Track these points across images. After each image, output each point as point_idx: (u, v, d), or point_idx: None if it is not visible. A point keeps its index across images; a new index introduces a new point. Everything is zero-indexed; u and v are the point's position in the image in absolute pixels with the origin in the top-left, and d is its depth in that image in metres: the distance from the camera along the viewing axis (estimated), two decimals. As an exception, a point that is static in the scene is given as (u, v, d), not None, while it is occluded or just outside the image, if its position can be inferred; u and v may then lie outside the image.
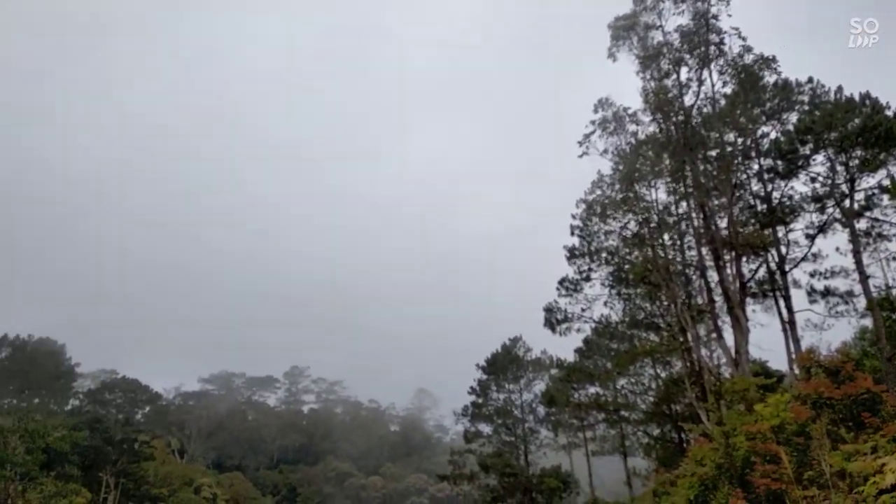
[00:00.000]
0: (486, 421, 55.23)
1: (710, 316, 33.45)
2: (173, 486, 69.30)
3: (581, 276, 39.97)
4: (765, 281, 34.27)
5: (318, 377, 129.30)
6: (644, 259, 35.96)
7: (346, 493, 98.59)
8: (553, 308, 41.17)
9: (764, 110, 34.00)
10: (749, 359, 30.57)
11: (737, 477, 15.13)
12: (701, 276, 34.53)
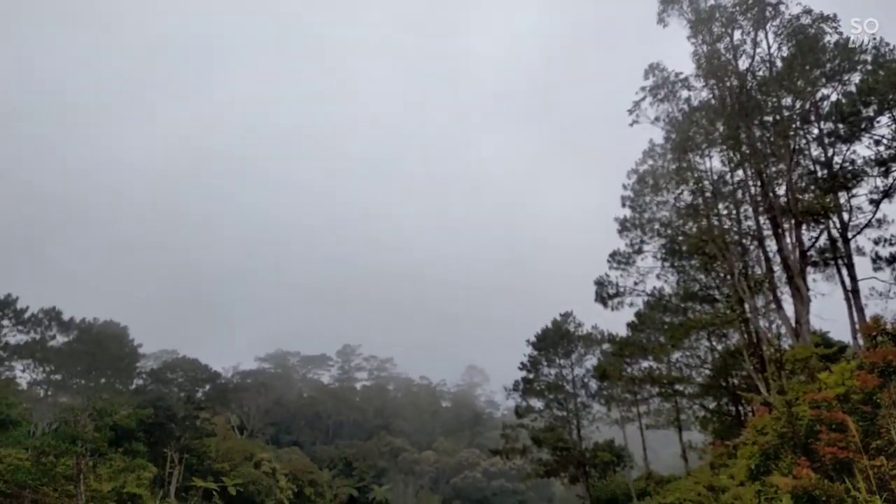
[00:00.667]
0: (538, 396, 55.19)
1: (768, 286, 32.56)
2: (234, 460, 71.75)
3: (633, 249, 39.32)
4: (826, 249, 33.11)
5: (369, 355, 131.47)
6: (699, 230, 35.13)
7: (399, 466, 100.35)
8: (604, 282, 40.69)
9: (824, 72, 32.59)
10: (810, 329, 29.72)
11: (800, 446, 14.77)
12: (759, 246, 33.60)
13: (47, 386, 51.51)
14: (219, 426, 77.52)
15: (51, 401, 51.28)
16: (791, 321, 29.95)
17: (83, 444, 48.24)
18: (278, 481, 74.20)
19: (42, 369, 51.04)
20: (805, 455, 14.64)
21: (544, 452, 53.39)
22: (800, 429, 15.12)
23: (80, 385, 51.35)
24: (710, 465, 28.84)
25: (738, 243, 34.85)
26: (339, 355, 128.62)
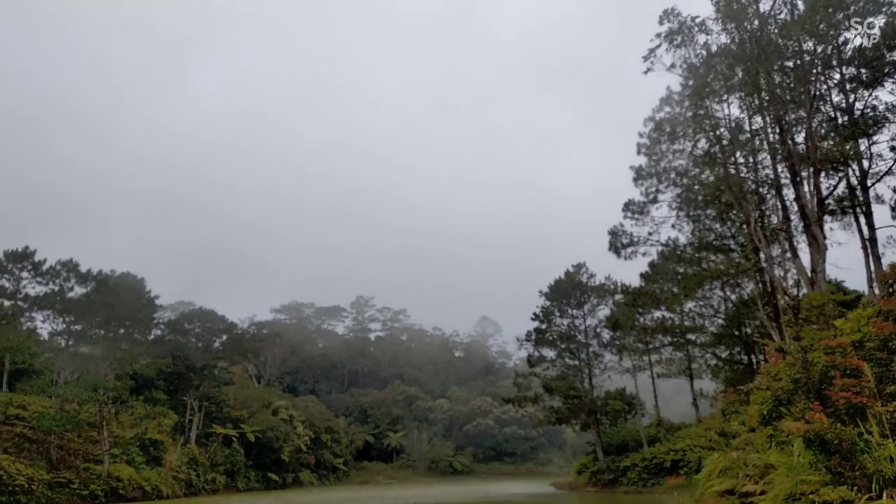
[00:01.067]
0: (550, 346, 55.77)
1: (784, 235, 32.28)
2: (252, 408, 73.39)
3: (648, 198, 39.03)
4: (844, 197, 32.66)
5: (382, 306, 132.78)
6: (715, 178, 34.70)
7: (414, 414, 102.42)
8: (618, 231, 40.55)
9: (847, 14, 31.55)
10: (825, 278, 29.54)
11: (814, 391, 14.82)
12: (776, 195, 33.18)
13: (68, 336, 52.53)
14: (236, 375, 79.12)
15: (71, 350, 52.34)
16: (807, 270, 29.77)
17: (105, 393, 49.36)
18: (296, 428, 76.00)
19: (62, 320, 51.98)
20: (818, 400, 14.68)
21: (556, 400, 54.23)
22: (814, 374, 15.14)
23: (100, 335, 52.23)
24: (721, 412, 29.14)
25: (754, 192, 34.42)
26: (353, 307, 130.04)
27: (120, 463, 49.60)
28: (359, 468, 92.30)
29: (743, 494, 13.38)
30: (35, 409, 48.69)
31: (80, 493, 44.24)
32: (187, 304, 75.02)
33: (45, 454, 45.50)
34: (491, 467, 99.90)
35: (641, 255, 41.62)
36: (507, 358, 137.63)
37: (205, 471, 59.66)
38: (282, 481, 71.57)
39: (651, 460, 45.21)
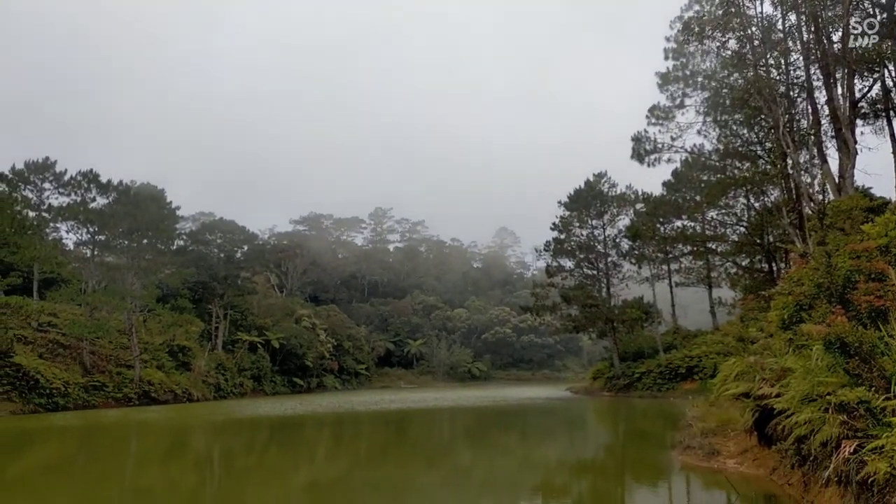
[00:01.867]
0: (568, 256, 55.76)
1: (813, 140, 31.20)
2: (276, 317, 75.23)
3: (673, 103, 37.76)
4: (878, 100, 31.20)
5: (401, 218, 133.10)
6: (744, 81, 33.28)
7: (432, 323, 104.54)
8: (642, 138, 39.50)
9: None
10: (853, 184, 28.72)
11: (837, 295, 14.58)
12: (807, 98, 31.82)
13: (93, 246, 53.36)
14: (259, 285, 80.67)
15: (97, 260, 53.32)
16: (834, 176, 28.91)
17: (132, 301, 50.68)
18: (318, 336, 78.07)
19: (86, 230, 52.66)
20: (841, 304, 14.48)
21: (573, 309, 54.75)
22: (837, 279, 14.86)
23: (124, 246, 53.02)
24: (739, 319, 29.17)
25: (784, 95, 33.04)
26: (372, 218, 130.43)
27: (150, 368, 51.54)
28: (380, 374, 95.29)
29: (758, 397, 13.43)
30: (66, 317, 50.28)
31: (114, 396, 46.24)
32: (208, 216, 75.60)
33: (78, 359, 47.30)
34: (508, 373, 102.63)
35: (665, 163, 40.70)
36: (525, 269, 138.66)
37: (232, 375, 61.89)
38: (306, 386, 74.23)
39: (666, 366, 46.00)
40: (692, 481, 13.38)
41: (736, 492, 10.87)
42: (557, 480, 14.52)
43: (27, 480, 16.19)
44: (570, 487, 13.59)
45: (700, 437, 15.33)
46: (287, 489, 13.94)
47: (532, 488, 13.29)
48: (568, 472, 15.75)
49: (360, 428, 28.95)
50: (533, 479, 14.40)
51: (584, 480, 14.46)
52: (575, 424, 29.63)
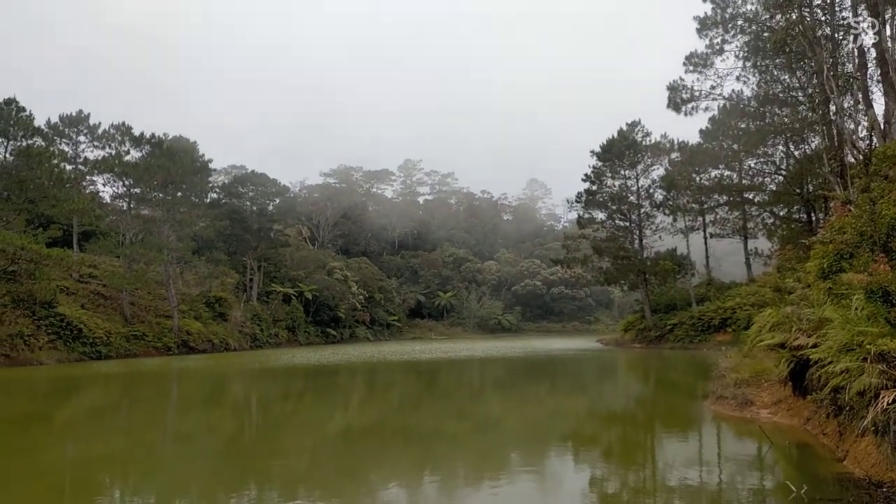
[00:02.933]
0: (600, 208, 55.01)
1: (858, 84, 29.91)
2: (308, 268, 76.22)
3: (712, 49, 36.42)
4: (930, 41, 29.70)
5: (430, 170, 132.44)
6: (787, 23, 31.84)
7: (462, 275, 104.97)
8: (678, 86, 38.37)
9: None
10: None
11: (880, 243, 14.14)
12: (853, 40, 30.40)
13: (128, 199, 54.30)
14: (291, 237, 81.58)
15: (133, 213, 54.31)
16: (880, 122, 27.79)
17: (168, 253, 51.69)
18: (350, 288, 79.03)
19: (121, 183, 53.51)
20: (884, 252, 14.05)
21: (605, 261, 54.32)
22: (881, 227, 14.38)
23: (159, 198, 53.82)
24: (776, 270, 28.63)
25: (829, 37, 31.57)
26: (401, 170, 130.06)
27: (188, 318, 52.86)
28: (411, 325, 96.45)
29: (794, 348, 13.19)
30: (106, 269, 51.61)
31: (154, 345, 47.66)
32: (240, 169, 76.10)
33: (119, 310, 48.69)
34: (538, 325, 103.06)
35: (702, 111, 39.53)
36: (555, 221, 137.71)
37: (267, 326, 63.22)
38: (339, 336, 75.56)
39: (699, 318, 45.63)
40: (724, 430, 13.33)
41: (769, 440, 10.80)
42: (587, 430, 14.60)
43: (74, 425, 16.84)
44: (600, 436, 13.66)
45: (733, 388, 15.22)
46: (322, 436, 14.27)
47: (561, 437, 13.40)
48: (597, 421, 15.83)
49: (392, 377, 29.43)
50: (562, 429, 14.51)
51: (613, 430, 14.51)
52: (605, 375, 29.71)
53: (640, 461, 11.01)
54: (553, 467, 10.57)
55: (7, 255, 38.19)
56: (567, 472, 10.17)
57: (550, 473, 10.09)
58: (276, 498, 8.85)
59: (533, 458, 11.23)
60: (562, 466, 10.63)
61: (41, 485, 9.88)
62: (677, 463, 10.28)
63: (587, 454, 11.63)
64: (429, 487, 9.27)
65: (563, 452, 11.95)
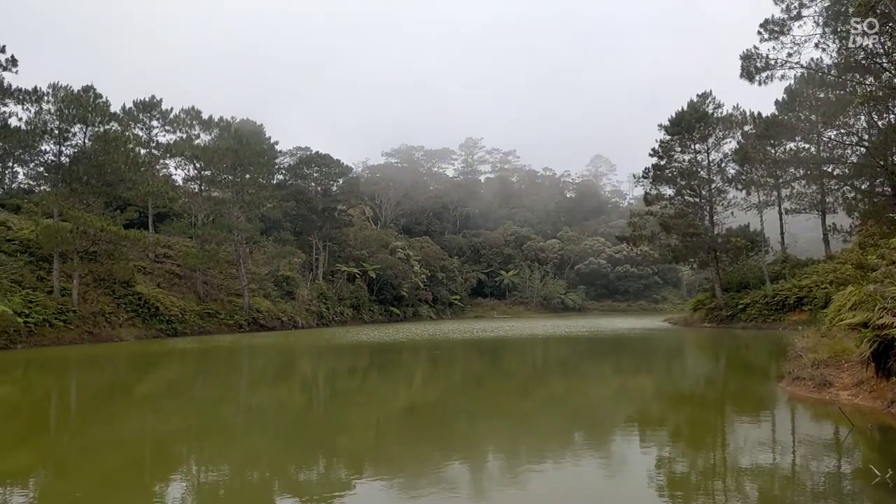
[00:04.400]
0: (669, 183, 53.37)
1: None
2: (372, 248, 77.27)
3: (789, 15, 34.51)
4: None
5: (492, 148, 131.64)
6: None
7: (525, 254, 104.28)
8: (752, 55, 36.56)
9: None
10: None
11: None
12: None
13: (199, 181, 56.18)
14: (355, 217, 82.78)
15: (204, 195, 56.19)
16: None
17: (238, 233, 53.30)
18: (412, 267, 79.74)
19: (192, 166, 55.41)
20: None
21: (673, 238, 52.84)
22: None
23: (228, 180, 55.51)
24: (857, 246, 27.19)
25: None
26: (462, 148, 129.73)
27: (258, 297, 54.53)
28: (473, 304, 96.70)
29: (878, 327, 12.48)
30: (179, 249, 53.68)
31: (226, 323, 49.41)
32: (304, 150, 77.39)
33: (192, 288, 50.63)
34: (603, 305, 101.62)
35: (778, 80, 37.54)
36: (620, 197, 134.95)
37: (333, 304, 64.57)
38: (402, 315, 76.48)
39: (773, 297, 43.95)
40: (800, 412, 12.80)
41: (850, 423, 10.30)
42: (653, 410, 14.29)
43: (152, 399, 17.62)
44: (667, 417, 13.34)
45: (811, 369, 14.57)
46: (387, 412, 14.47)
47: (627, 417, 13.15)
48: (665, 402, 15.46)
49: (455, 355, 29.58)
50: (628, 409, 14.24)
51: (681, 411, 14.15)
52: (673, 355, 29.02)
53: (709, 443, 10.69)
54: (618, 447, 10.38)
55: (88, 236, 40.11)
56: (633, 452, 9.97)
57: (615, 453, 9.91)
58: (343, 472, 9.01)
59: (597, 438, 11.06)
60: (627, 447, 10.43)
61: (123, 455, 10.38)
62: (749, 445, 9.94)
63: (654, 435, 11.37)
64: (492, 465, 9.25)
65: (628, 433, 11.73)
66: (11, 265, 38.85)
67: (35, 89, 39.73)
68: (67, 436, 12.31)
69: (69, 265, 39.92)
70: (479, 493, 7.78)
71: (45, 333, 35.27)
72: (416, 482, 8.16)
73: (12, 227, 42.76)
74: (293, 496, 7.80)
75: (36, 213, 41.41)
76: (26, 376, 22.79)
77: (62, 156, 42.15)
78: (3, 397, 17.90)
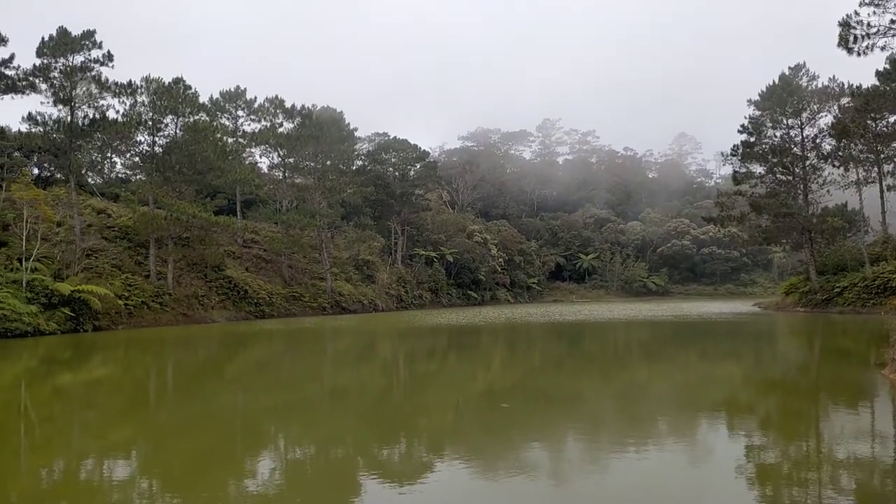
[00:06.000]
0: (759, 160, 50.89)
1: None
2: (449, 232, 77.70)
3: (893, -25, 32.11)
4: None
5: (570, 129, 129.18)
6: None
7: (604, 237, 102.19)
8: (850, 22, 34.29)
9: None
10: None
11: None
12: None
13: (283, 169, 57.98)
14: (432, 201, 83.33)
15: (288, 182, 57.98)
16: None
17: (320, 219, 54.74)
18: (490, 250, 79.66)
19: (277, 153, 57.21)
20: None
21: (764, 219, 50.50)
22: None
23: (310, 167, 57.07)
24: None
25: None
26: (539, 130, 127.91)
27: (340, 280, 55.93)
28: (551, 288, 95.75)
29: None
30: (266, 234, 55.66)
31: (310, 305, 50.97)
32: (382, 136, 78.36)
33: (278, 272, 52.44)
34: (687, 288, 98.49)
35: (879, 50, 35.08)
36: (706, 177, 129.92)
37: (412, 288, 65.47)
38: (480, 298, 76.67)
39: (873, 280, 41.38)
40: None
41: (961, 417, 9.59)
42: (742, 397, 13.76)
43: (242, 378, 18.43)
44: (757, 405, 12.81)
45: (916, 357, 13.65)
46: (465, 394, 14.57)
47: (713, 404, 12.71)
48: (754, 389, 14.86)
49: (533, 338, 29.44)
50: (714, 396, 13.76)
51: (772, 398, 13.56)
52: (763, 340, 27.82)
53: (802, 432, 10.21)
54: (704, 435, 10.06)
55: (181, 222, 42.15)
56: (719, 440, 9.65)
57: (701, 441, 9.62)
58: (424, 453, 9.15)
59: (681, 425, 10.75)
60: (713, 435, 10.10)
61: (215, 431, 10.92)
62: (847, 435, 9.42)
63: (742, 423, 10.95)
64: (572, 450, 9.17)
65: (714, 420, 11.34)
66: (112, 251, 41.37)
67: (129, 83, 41.86)
68: (165, 412, 13.06)
69: (164, 250, 42.11)
70: (559, 477, 7.73)
71: (143, 315, 37.43)
72: (495, 465, 8.19)
73: (112, 214, 45.44)
74: (376, 475, 7.99)
75: (133, 201, 43.89)
76: (127, 356, 24.29)
77: (156, 146, 44.41)
78: (107, 376, 19.16)
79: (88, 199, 45.90)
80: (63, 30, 38.33)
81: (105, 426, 11.57)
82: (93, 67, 39.16)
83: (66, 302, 31.67)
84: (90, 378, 18.32)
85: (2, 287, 29.98)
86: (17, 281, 30.93)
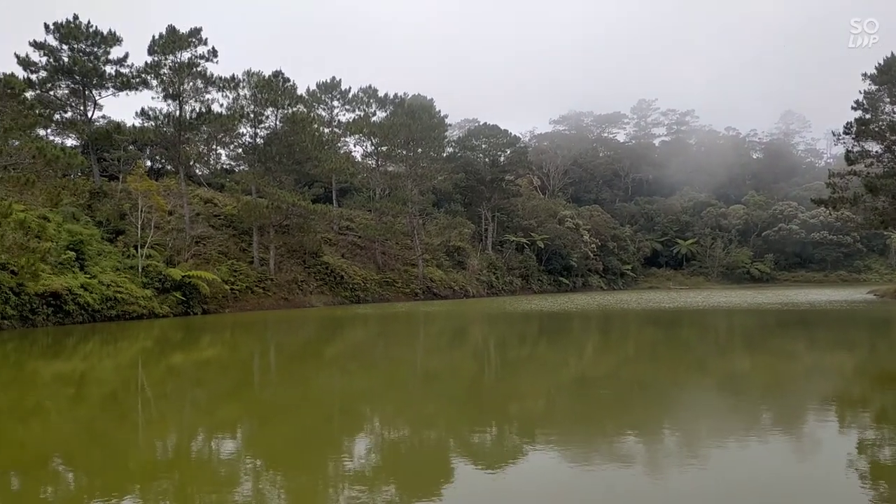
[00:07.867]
0: (875, 139, 47.23)
1: None
2: (540, 218, 76.96)
3: None
4: None
5: (667, 109, 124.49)
6: None
7: (704, 221, 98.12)
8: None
9: None
10: None
11: None
12: None
13: (376, 157, 59.20)
14: (523, 187, 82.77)
15: (381, 170, 59.16)
16: None
17: (412, 206, 55.60)
18: (582, 236, 78.28)
19: (370, 142, 58.47)
20: None
21: (881, 201, 46.94)
22: None
23: (402, 155, 57.98)
24: None
25: None
26: (634, 111, 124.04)
27: (431, 266, 56.67)
28: (646, 274, 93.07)
29: None
30: (360, 222, 57.12)
31: (403, 291, 51.98)
32: (472, 122, 78.47)
33: (372, 259, 53.74)
34: (795, 275, 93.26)
35: None
36: (816, 157, 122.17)
37: (502, 274, 65.44)
38: (571, 285, 75.61)
39: None
40: None
41: None
42: (854, 390, 12.96)
43: (340, 360, 19.10)
44: (870, 399, 12.04)
45: None
46: (557, 382, 14.48)
47: (821, 397, 12.04)
48: (868, 381, 13.96)
49: (628, 326, 28.80)
50: (823, 388, 13.02)
51: (888, 392, 12.69)
52: (879, 330, 26.01)
53: (924, 430, 9.51)
54: (811, 429, 9.57)
55: (282, 211, 43.92)
56: (828, 434, 9.14)
57: (808, 435, 9.16)
58: (516, 439, 9.20)
59: (786, 418, 10.26)
60: (821, 428, 9.57)
61: (315, 410, 11.41)
62: (976, 436, 8.70)
63: (854, 416, 10.34)
64: (669, 441, 8.95)
65: (823, 413, 10.75)
66: (218, 238, 43.69)
67: (232, 77, 43.85)
68: (268, 392, 13.75)
69: (266, 238, 44.05)
70: (654, 468, 7.58)
71: (247, 299, 39.40)
72: (588, 453, 8.13)
73: (217, 203, 47.93)
74: (469, 458, 8.12)
75: (237, 190, 46.10)
76: (234, 338, 25.68)
77: (257, 137, 46.39)
78: (216, 356, 20.35)
79: (196, 190, 48.58)
80: (172, 28, 40.54)
81: (214, 404, 12.34)
82: (199, 63, 41.27)
83: (177, 286, 33.82)
84: (200, 358, 19.52)
85: (120, 273, 32.37)
86: (133, 267, 33.29)
